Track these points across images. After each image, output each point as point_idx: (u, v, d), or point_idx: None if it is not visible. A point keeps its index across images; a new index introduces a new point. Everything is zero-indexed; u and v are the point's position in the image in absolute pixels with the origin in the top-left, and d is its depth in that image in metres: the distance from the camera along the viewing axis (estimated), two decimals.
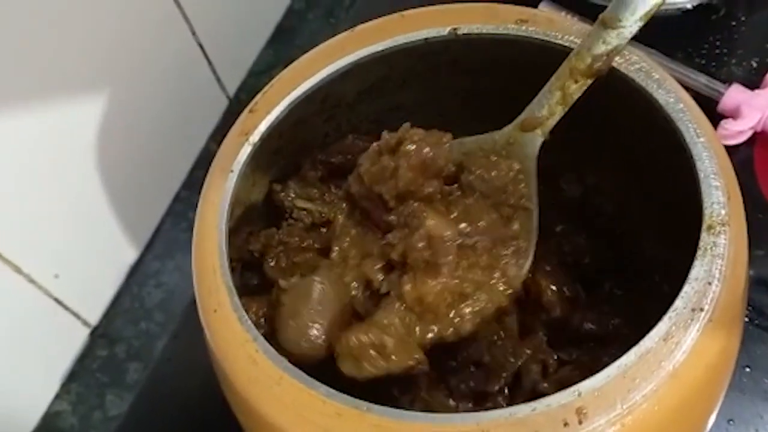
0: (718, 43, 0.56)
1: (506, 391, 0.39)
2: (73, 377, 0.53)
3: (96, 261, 0.53)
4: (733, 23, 0.57)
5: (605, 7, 0.34)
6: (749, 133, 0.51)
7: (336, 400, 0.29)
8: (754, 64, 0.55)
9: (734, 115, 0.51)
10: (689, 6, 0.58)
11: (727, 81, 0.52)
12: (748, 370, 0.44)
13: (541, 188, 0.46)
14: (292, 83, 0.37)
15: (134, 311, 0.55)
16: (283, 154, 0.41)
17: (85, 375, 0.53)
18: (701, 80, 0.52)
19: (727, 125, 0.50)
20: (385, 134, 0.36)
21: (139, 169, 0.55)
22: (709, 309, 0.29)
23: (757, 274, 0.47)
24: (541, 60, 0.38)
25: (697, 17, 0.58)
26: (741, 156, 0.51)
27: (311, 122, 0.41)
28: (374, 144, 0.36)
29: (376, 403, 0.29)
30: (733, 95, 0.51)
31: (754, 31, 0.57)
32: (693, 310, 0.29)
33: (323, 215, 0.42)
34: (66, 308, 0.51)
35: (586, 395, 0.27)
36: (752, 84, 0.52)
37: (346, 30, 0.40)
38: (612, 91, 0.36)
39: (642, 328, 0.29)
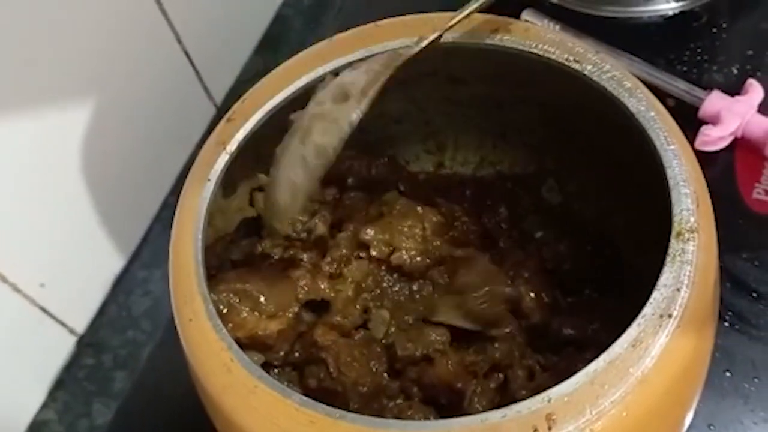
0: (699, 50, 0.57)
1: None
2: (59, 386, 0.53)
3: (83, 269, 0.54)
4: (715, 30, 0.58)
5: (588, 15, 0.34)
6: (730, 139, 0.51)
7: (309, 408, 0.29)
8: (735, 71, 0.55)
9: (715, 121, 0.51)
10: (671, 13, 0.59)
11: (708, 87, 0.52)
12: (728, 374, 0.45)
13: (522, 196, 0.47)
14: (269, 92, 0.38)
15: (121, 320, 0.55)
16: (264, 162, 0.41)
17: (72, 383, 0.53)
18: (682, 87, 0.53)
19: (708, 131, 0.50)
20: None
21: (127, 177, 0.56)
22: (677, 315, 0.29)
23: (738, 279, 0.47)
24: (518, 69, 0.39)
25: (678, 24, 0.58)
26: (722, 162, 0.51)
27: None
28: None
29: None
30: (714, 101, 0.51)
31: (736, 39, 0.57)
32: (661, 316, 0.29)
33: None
34: (52, 317, 0.51)
35: (555, 401, 0.28)
36: (733, 90, 0.52)
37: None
38: (585, 101, 0.36)
39: (621, 333, 0.29)
